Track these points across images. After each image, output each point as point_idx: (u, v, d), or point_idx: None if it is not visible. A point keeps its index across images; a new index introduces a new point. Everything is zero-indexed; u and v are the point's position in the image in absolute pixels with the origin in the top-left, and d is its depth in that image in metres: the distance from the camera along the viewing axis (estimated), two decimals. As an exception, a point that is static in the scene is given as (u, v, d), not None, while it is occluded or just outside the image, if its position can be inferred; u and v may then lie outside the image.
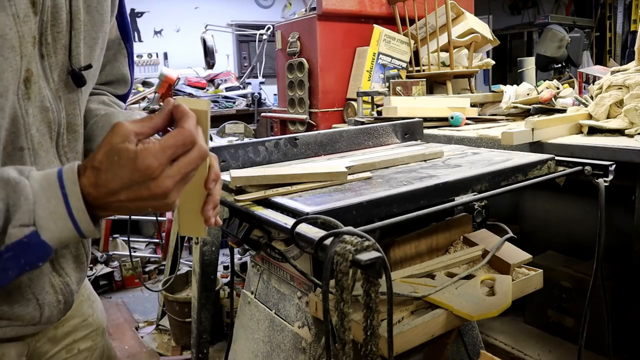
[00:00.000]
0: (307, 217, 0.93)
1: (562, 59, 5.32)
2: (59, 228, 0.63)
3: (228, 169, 1.45)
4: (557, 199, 2.21)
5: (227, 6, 8.33)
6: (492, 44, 3.11)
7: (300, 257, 1.33)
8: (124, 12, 0.97)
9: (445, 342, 1.40)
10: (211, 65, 4.69)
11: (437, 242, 1.41)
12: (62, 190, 0.63)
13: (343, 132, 1.74)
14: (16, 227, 0.61)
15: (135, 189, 0.63)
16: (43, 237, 0.62)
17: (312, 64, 2.92)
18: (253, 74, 5.50)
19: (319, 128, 2.86)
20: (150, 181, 0.62)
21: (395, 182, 1.23)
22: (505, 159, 1.43)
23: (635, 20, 6.53)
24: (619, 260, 1.86)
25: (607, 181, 1.30)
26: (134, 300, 3.44)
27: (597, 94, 1.92)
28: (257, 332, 1.58)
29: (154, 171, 0.62)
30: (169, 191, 0.64)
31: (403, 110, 2.24)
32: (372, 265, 0.74)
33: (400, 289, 1.18)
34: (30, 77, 0.73)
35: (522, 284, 1.29)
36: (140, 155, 0.61)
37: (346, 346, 0.80)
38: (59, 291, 0.82)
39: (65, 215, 0.63)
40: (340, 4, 2.85)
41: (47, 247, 0.63)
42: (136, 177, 0.62)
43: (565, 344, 2.02)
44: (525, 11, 8.16)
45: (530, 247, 1.41)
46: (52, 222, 0.63)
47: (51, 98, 0.77)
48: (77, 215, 0.63)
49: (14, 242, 0.61)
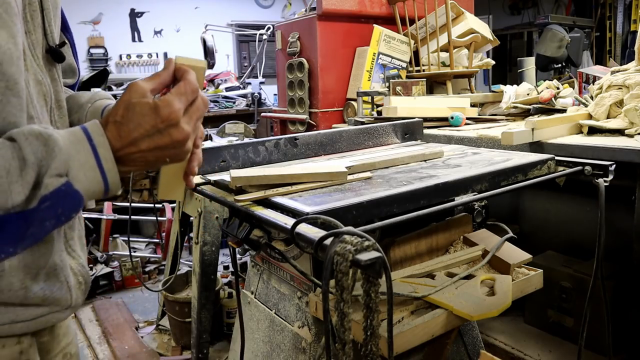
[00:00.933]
0: (307, 217, 0.93)
1: (562, 59, 5.32)
2: (88, 179, 0.66)
3: (228, 169, 1.45)
4: (557, 199, 2.21)
5: (227, 6, 8.33)
6: (492, 44, 3.11)
7: (300, 257, 1.33)
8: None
9: (445, 342, 1.40)
10: (211, 65, 4.69)
11: (437, 242, 1.41)
12: (90, 142, 0.66)
13: (343, 132, 1.74)
14: (52, 177, 0.63)
15: (157, 138, 0.68)
16: (76, 187, 0.65)
17: (312, 64, 2.92)
18: (253, 74, 5.50)
19: (319, 128, 2.86)
20: (171, 127, 0.68)
21: (395, 182, 1.23)
22: (505, 159, 1.43)
23: (635, 20, 6.53)
24: (619, 260, 1.86)
25: (607, 181, 1.30)
26: (134, 300, 3.44)
27: (597, 94, 1.92)
28: (257, 332, 1.58)
29: (177, 116, 0.67)
30: (189, 136, 0.70)
31: (403, 110, 2.24)
32: (372, 265, 0.74)
33: (400, 289, 1.18)
34: (25, 50, 0.74)
35: (522, 284, 1.29)
36: (160, 104, 0.67)
37: (346, 346, 0.80)
38: (77, 273, 0.84)
39: (95, 167, 0.66)
40: (340, 4, 2.85)
41: (80, 198, 0.66)
42: (159, 124, 0.67)
43: (565, 344, 2.02)
44: (525, 11, 8.16)
45: (530, 247, 1.41)
46: (83, 174, 0.65)
47: (40, 73, 0.78)
48: (105, 165, 0.67)
49: (52, 191, 0.63)
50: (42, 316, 0.78)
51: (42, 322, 0.79)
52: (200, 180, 1.42)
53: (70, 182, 0.65)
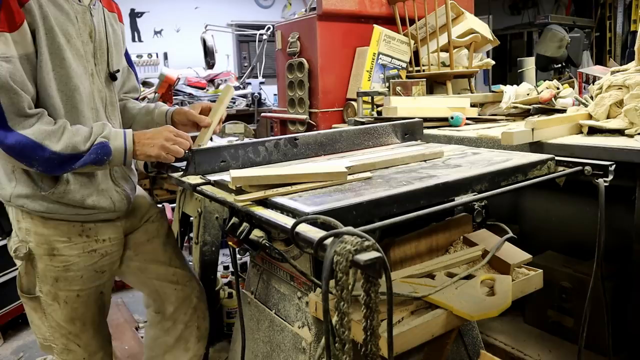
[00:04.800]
0: (307, 217, 0.93)
1: (562, 59, 5.31)
2: (117, 144, 1.40)
3: (228, 169, 1.46)
4: (557, 199, 2.21)
5: (227, 6, 8.33)
6: (492, 44, 3.11)
7: (300, 257, 1.33)
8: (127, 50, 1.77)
9: (445, 342, 1.40)
10: (211, 66, 4.69)
11: (437, 242, 1.41)
12: (123, 133, 1.43)
13: (343, 132, 1.74)
14: (101, 138, 1.39)
15: (157, 137, 1.46)
16: (110, 145, 1.39)
17: (312, 64, 2.92)
18: (253, 74, 5.50)
19: (319, 128, 2.86)
20: (164, 135, 1.46)
21: (395, 182, 1.23)
22: (505, 159, 1.43)
23: (635, 20, 6.53)
24: (619, 260, 1.86)
25: (607, 181, 1.30)
26: (134, 300, 3.44)
27: (597, 94, 1.92)
28: (257, 332, 1.58)
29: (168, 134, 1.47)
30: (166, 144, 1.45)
31: (403, 110, 2.24)
32: (372, 265, 0.74)
33: (400, 289, 1.18)
34: (93, 74, 1.52)
35: (522, 284, 1.29)
36: (164, 130, 1.48)
37: (346, 346, 0.80)
38: (121, 193, 1.60)
39: (122, 141, 1.41)
40: (340, 4, 2.85)
41: (110, 150, 1.39)
42: (161, 132, 1.47)
43: (565, 344, 2.02)
44: (525, 11, 8.16)
45: (530, 247, 1.41)
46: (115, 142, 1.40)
47: (101, 86, 1.56)
48: (128, 142, 1.42)
49: (97, 143, 1.38)
50: (94, 214, 1.53)
51: (93, 217, 1.54)
52: (200, 180, 1.42)
53: (108, 142, 1.39)
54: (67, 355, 1.62)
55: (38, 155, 1.32)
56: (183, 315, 1.83)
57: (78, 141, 1.36)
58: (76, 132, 1.37)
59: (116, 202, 1.57)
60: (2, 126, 1.29)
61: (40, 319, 1.60)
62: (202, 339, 1.89)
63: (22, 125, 1.31)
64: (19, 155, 1.32)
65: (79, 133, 1.37)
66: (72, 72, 1.42)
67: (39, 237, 1.49)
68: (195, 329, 1.87)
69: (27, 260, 1.52)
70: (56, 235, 1.50)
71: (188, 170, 1.47)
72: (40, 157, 1.32)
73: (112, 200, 1.56)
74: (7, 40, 1.29)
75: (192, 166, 1.47)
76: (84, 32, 1.47)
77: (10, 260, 2.90)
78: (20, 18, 1.31)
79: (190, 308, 1.84)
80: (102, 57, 1.55)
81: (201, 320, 1.88)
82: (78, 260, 1.53)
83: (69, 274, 1.53)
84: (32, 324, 1.64)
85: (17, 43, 1.31)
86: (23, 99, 1.32)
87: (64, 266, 1.52)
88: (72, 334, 1.59)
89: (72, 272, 1.53)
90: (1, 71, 1.28)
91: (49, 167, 1.35)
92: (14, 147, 1.30)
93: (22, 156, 1.32)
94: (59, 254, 1.50)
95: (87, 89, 1.48)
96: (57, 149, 1.33)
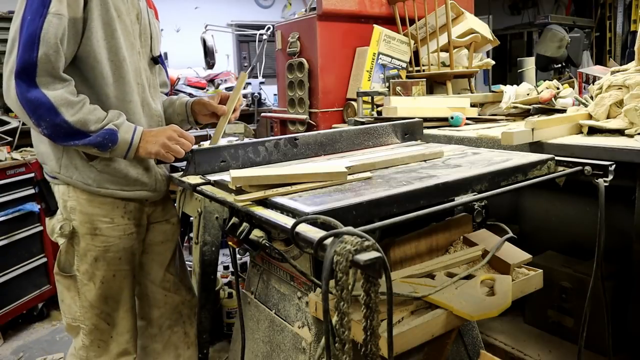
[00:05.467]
0: (307, 217, 0.93)
1: (562, 59, 5.31)
2: (124, 135, 1.43)
3: (228, 169, 1.46)
4: (557, 199, 2.21)
5: (227, 6, 8.32)
6: (492, 44, 3.11)
7: (300, 257, 1.33)
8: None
9: (445, 342, 1.40)
10: (211, 65, 4.69)
11: (437, 242, 1.41)
12: (134, 128, 1.46)
13: (343, 132, 1.74)
14: (111, 125, 1.41)
15: (161, 135, 1.48)
16: (118, 134, 1.42)
17: (312, 64, 2.92)
18: (253, 74, 5.49)
19: (319, 128, 2.86)
20: (167, 134, 1.48)
21: (395, 182, 1.23)
22: (505, 159, 1.43)
23: (635, 20, 6.52)
24: (619, 260, 1.86)
25: (607, 181, 1.30)
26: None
27: (597, 94, 1.92)
28: (257, 332, 1.58)
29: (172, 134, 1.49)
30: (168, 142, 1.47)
31: (403, 110, 2.24)
32: (372, 265, 0.74)
33: (400, 289, 1.18)
34: (140, 53, 1.59)
35: (522, 284, 1.29)
36: (169, 129, 1.51)
37: (346, 346, 0.80)
38: (162, 174, 1.67)
39: (130, 134, 1.45)
40: (340, 4, 2.85)
41: (117, 138, 1.42)
42: (165, 131, 1.50)
43: (565, 344, 2.02)
44: (525, 11, 8.16)
45: (530, 247, 1.41)
46: (123, 132, 1.43)
47: (146, 66, 1.63)
48: (135, 137, 1.45)
49: (106, 128, 1.41)
50: (136, 191, 1.59)
51: (136, 194, 1.59)
52: (200, 180, 1.42)
53: (117, 130, 1.42)
54: (95, 335, 1.62)
55: (49, 118, 1.34)
56: (168, 320, 1.82)
57: (91, 120, 1.38)
58: (93, 110, 1.40)
59: (157, 181, 1.64)
60: (30, 79, 1.32)
61: (72, 298, 1.61)
62: (192, 346, 1.88)
63: (48, 86, 1.34)
64: (31, 112, 1.33)
65: (94, 113, 1.40)
66: (121, 44, 1.47)
67: (83, 216, 1.54)
68: (183, 334, 1.85)
69: (70, 239, 1.56)
70: (100, 215, 1.55)
71: (188, 170, 1.47)
72: (50, 121, 1.35)
73: (155, 178, 1.62)
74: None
75: (192, 166, 1.47)
76: (132, 12, 1.54)
77: (10, 260, 2.92)
78: None
79: (176, 313, 1.83)
80: (145, 40, 1.62)
81: (189, 326, 1.87)
82: (118, 242, 1.58)
83: (108, 255, 1.57)
84: (62, 304, 1.65)
85: (69, 6, 1.35)
86: (60, 59, 1.35)
87: (104, 247, 1.56)
88: (104, 313, 1.62)
89: (112, 252, 1.58)
90: (50, 26, 1.31)
91: (54, 133, 1.37)
92: (31, 102, 1.32)
93: (34, 114, 1.34)
94: (101, 234, 1.55)
95: (134, 63, 1.54)
96: (70, 119, 1.35)
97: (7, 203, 2.89)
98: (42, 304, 3.16)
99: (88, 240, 1.55)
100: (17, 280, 2.95)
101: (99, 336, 1.63)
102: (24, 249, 3.02)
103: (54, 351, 2.78)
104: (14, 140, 3.39)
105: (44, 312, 3.18)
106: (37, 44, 1.31)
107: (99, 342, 1.63)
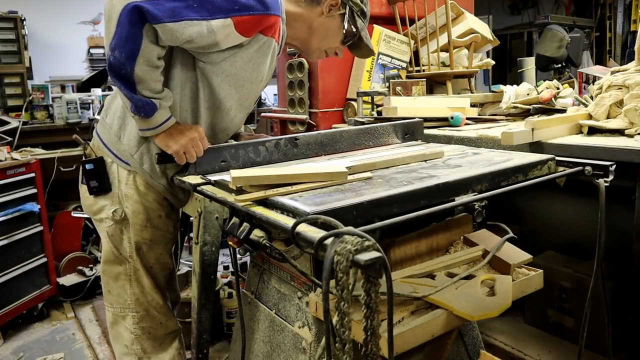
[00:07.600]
0: (307, 217, 0.93)
1: (562, 59, 5.31)
2: (154, 119, 1.43)
3: (228, 169, 1.46)
4: (557, 199, 2.21)
5: (227, 6, 8.31)
6: (492, 44, 3.11)
7: (300, 257, 1.33)
8: None
9: (445, 342, 1.40)
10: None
11: (437, 242, 1.41)
12: (168, 117, 1.46)
13: (343, 132, 1.74)
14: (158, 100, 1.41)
15: (186, 133, 1.46)
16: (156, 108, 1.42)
17: (312, 64, 2.91)
18: (253, 74, 5.49)
19: (319, 128, 2.86)
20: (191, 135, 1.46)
21: (395, 182, 1.23)
22: (505, 159, 1.43)
23: (635, 20, 6.53)
24: (619, 260, 1.86)
25: (607, 181, 1.30)
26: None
27: (597, 94, 1.92)
28: (257, 332, 1.58)
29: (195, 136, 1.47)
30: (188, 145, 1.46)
31: (403, 110, 2.24)
32: (372, 265, 0.74)
33: (401, 289, 1.18)
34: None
35: (522, 284, 1.29)
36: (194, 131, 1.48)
37: (346, 346, 0.80)
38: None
39: (160, 121, 1.44)
40: (340, 4, 2.85)
41: (148, 115, 1.42)
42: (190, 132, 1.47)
43: (565, 344, 2.02)
44: (525, 11, 8.15)
45: (530, 247, 1.41)
46: (157, 115, 1.43)
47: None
48: (162, 127, 1.45)
49: (152, 100, 1.40)
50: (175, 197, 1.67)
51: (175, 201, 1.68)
52: (200, 180, 1.42)
53: (157, 108, 1.42)
54: (146, 322, 1.69)
55: (126, 46, 1.30)
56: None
57: (149, 87, 1.38)
58: (158, 80, 1.41)
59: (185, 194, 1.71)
60: (146, 10, 1.27)
61: (121, 287, 1.66)
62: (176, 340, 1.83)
63: (151, 38, 1.33)
64: (121, 25, 1.28)
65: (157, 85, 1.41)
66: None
67: (138, 206, 1.59)
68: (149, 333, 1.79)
69: (119, 225, 1.60)
70: (152, 210, 1.61)
71: (188, 170, 1.47)
72: (125, 50, 1.31)
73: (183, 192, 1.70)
74: (229, 27, 1.36)
75: (192, 166, 1.47)
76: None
77: (10, 260, 2.92)
78: (270, 37, 1.48)
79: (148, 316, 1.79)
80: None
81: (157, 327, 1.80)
82: (161, 238, 1.67)
83: (154, 246, 1.66)
84: (108, 294, 1.69)
85: (231, 41, 1.41)
86: (175, 45, 1.39)
87: (150, 239, 1.64)
88: (155, 301, 1.69)
89: (156, 244, 1.67)
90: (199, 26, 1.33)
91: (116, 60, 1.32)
92: (130, 16, 1.28)
93: (122, 28, 1.29)
94: (152, 225, 1.63)
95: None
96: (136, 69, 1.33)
97: (7, 203, 2.89)
98: (42, 304, 3.16)
99: (138, 230, 1.61)
100: (17, 280, 2.95)
101: (150, 323, 1.69)
102: (24, 249, 3.02)
103: (54, 351, 2.78)
104: (14, 140, 3.40)
105: (44, 312, 3.18)
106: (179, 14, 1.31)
107: (149, 328, 1.69)
